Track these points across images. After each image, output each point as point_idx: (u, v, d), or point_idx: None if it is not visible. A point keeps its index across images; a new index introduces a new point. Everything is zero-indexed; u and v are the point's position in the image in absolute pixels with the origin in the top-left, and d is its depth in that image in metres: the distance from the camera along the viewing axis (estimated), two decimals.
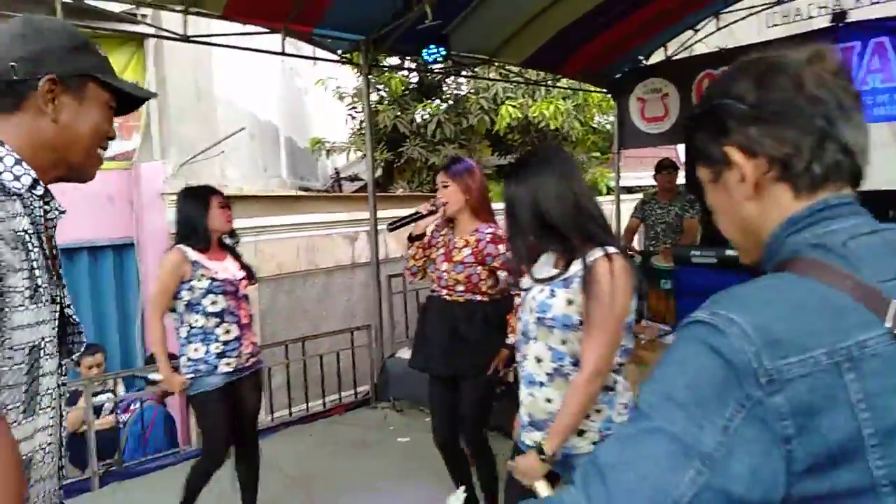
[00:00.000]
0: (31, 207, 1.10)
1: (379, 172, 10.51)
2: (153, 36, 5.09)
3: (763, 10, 5.96)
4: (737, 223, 0.89)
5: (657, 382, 0.75)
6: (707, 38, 6.38)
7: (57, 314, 1.12)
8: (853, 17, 5.43)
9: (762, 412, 0.68)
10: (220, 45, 4.75)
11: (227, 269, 3.04)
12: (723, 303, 0.75)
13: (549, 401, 1.89)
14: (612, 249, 1.83)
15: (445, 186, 2.84)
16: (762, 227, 0.86)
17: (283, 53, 4.69)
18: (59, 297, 1.13)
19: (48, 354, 1.09)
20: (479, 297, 2.84)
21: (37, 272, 1.07)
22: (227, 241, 3.15)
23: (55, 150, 1.15)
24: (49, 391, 1.10)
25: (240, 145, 7.10)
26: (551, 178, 1.91)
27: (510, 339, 2.79)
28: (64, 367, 1.17)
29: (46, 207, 1.14)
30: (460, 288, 2.84)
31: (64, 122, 1.14)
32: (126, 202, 5.76)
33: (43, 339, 1.08)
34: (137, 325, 5.89)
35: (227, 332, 2.99)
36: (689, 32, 6.42)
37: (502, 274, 2.80)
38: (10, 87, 1.10)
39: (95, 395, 4.35)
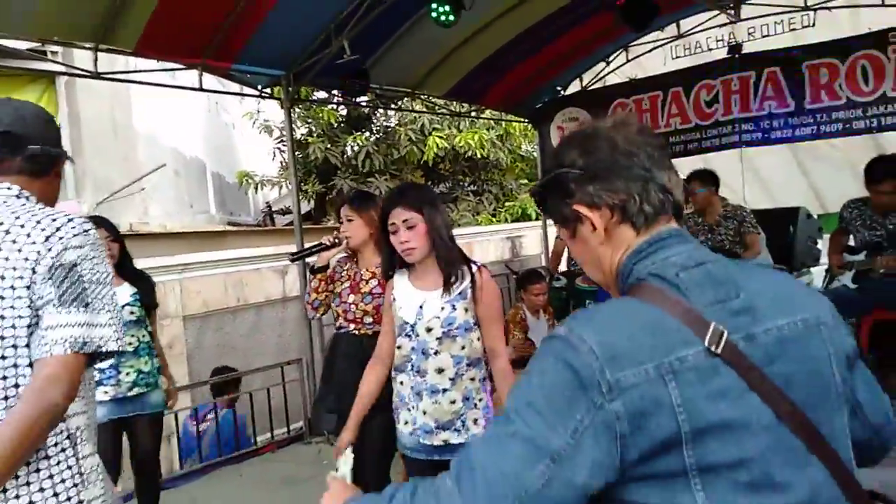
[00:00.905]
0: None
1: (311, 205, 10.47)
2: (63, 74, 4.97)
3: (667, 43, 6.36)
4: (597, 265, 1.07)
5: (521, 389, 0.92)
6: (619, 70, 6.75)
7: None
8: (748, 48, 5.87)
9: (603, 415, 0.84)
10: (133, 82, 4.69)
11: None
12: (579, 322, 0.93)
13: (452, 402, 2.21)
14: (478, 263, 2.29)
15: (350, 220, 2.83)
16: (615, 263, 1.03)
17: (200, 89, 4.67)
18: None
19: None
20: None
21: None
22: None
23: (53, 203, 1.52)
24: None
25: (163, 182, 6.95)
26: (441, 209, 2.28)
27: None
28: None
29: None
30: (369, 320, 2.80)
31: (49, 191, 1.53)
32: None
33: None
34: None
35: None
36: (602, 64, 6.77)
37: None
38: (50, 159, 1.49)
39: None
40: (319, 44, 4.62)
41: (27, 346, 1.28)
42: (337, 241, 2.87)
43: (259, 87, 5.00)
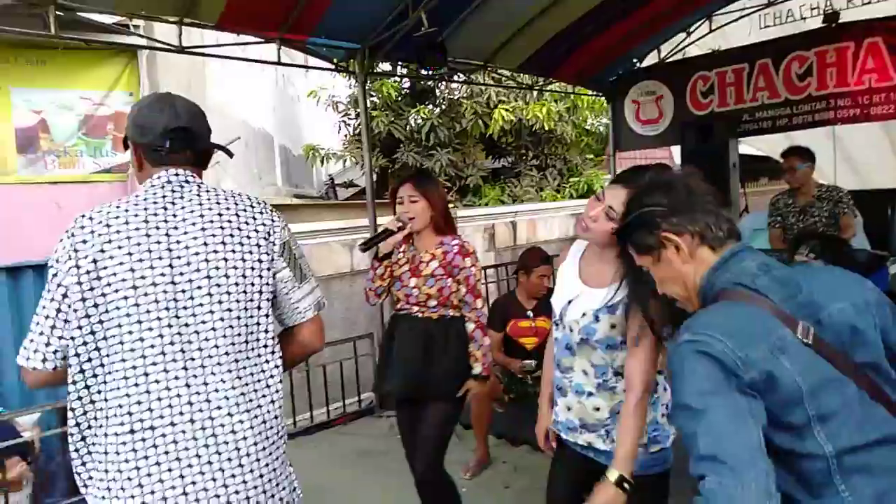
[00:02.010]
0: None
1: (374, 178, 10.49)
2: (147, 48, 5.06)
3: (755, 11, 5.99)
4: (680, 282, 1.36)
5: (683, 390, 1.18)
6: (700, 41, 6.41)
7: None
8: (845, 17, 5.46)
9: (747, 384, 1.14)
10: (214, 56, 4.72)
11: None
12: (697, 325, 1.22)
13: (597, 409, 2.04)
14: None
15: (414, 201, 2.69)
16: (697, 278, 1.33)
17: (278, 63, 4.67)
18: None
19: None
20: (451, 312, 2.75)
21: None
22: None
23: None
24: None
25: (236, 154, 7.06)
26: None
27: (476, 369, 2.73)
28: None
29: None
30: (433, 303, 2.72)
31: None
32: None
33: None
34: None
35: None
36: (682, 35, 6.44)
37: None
38: (209, 154, 1.65)
39: None
40: (396, 16, 4.53)
41: (265, 311, 1.53)
42: (401, 224, 2.69)
43: (335, 60, 4.96)
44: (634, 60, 6.86)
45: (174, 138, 1.52)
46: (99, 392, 1.39)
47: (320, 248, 6.67)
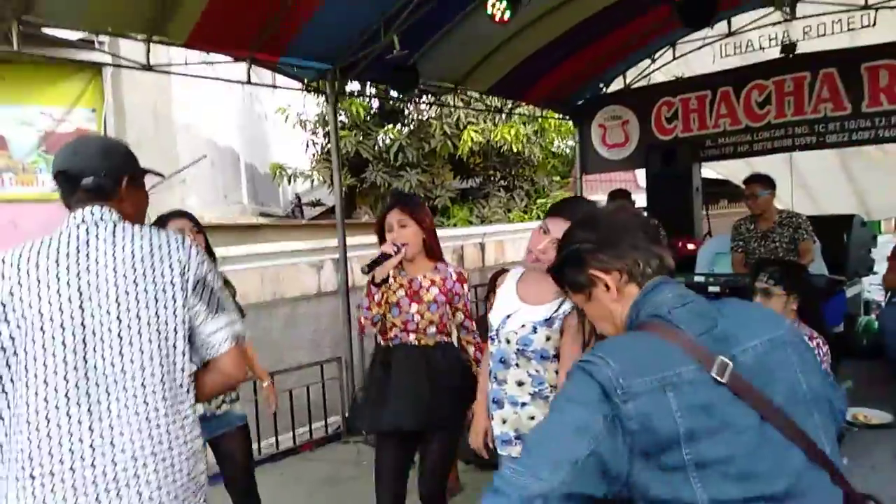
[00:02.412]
0: None
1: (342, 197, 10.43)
2: (113, 65, 4.96)
3: (717, 41, 6.19)
4: (610, 320, 1.32)
5: (563, 392, 1.19)
6: (664, 67, 6.58)
7: None
8: (802, 49, 5.68)
9: (620, 414, 1.08)
10: (182, 74, 4.65)
11: None
12: (600, 348, 1.19)
13: (532, 418, 2.14)
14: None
15: (403, 226, 2.63)
16: (623, 315, 1.28)
17: (248, 82, 4.62)
18: None
19: None
20: (446, 339, 2.72)
21: None
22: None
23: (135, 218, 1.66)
24: None
25: (200, 172, 6.95)
26: None
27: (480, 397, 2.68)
28: None
29: None
30: (432, 329, 2.66)
31: (132, 210, 1.65)
32: None
33: None
34: None
35: None
36: (647, 61, 6.61)
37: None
38: (112, 182, 1.61)
39: None
40: (368, 38, 4.54)
41: (182, 349, 1.53)
42: (396, 248, 2.61)
43: (305, 80, 4.94)
44: (601, 85, 7.00)
45: (59, 182, 1.58)
46: (5, 436, 1.41)
47: (287, 269, 6.57)
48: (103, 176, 1.57)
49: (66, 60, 4.87)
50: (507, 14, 3.90)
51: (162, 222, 2.81)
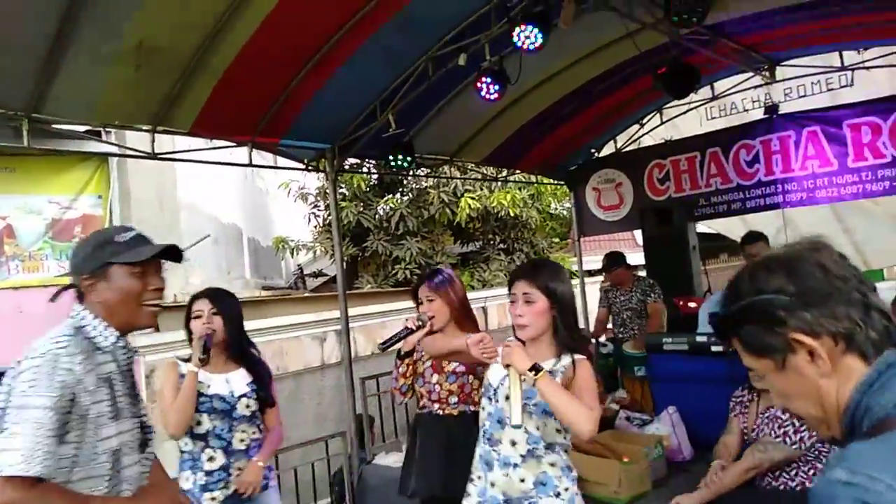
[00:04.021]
0: (115, 354, 1.75)
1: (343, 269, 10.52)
2: (120, 155, 5.13)
3: (702, 104, 6.40)
4: (815, 400, 0.97)
5: None
6: (653, 131, 6.78)
7: (138, 424, 1.78)
8: (784, 109, 5.88)
9: None
10: (186, 161, 4.81)
11: (228, 383, 2.75)
12: (854, 461, 0.82)
13: (522, 480, 2.11)
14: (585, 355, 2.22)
15: (430, 300, 2.81)
16: (841, 398, 0.94)
17: (249, 165, 4.77)
18: (137, 413, 1.79)
19: (127, 453, 1.71)
20: (472, 408, 2.78)
21: (119, 400, 1.71)
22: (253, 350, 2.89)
23: (114, 315, 1.75)
24: (128, 477, 1.71)
25: (204, 250, 7.05)
26: (569, 284, 2.24)
27: None
28: (144, 458, 1.79)
29: (126, 352, 1.79)
30: (454, 400, 2.80)
31: (104, 298, 1.74)
32: None
33: (122, 444, 1.70)
34: None
35: (211, 459, 2.69)
36: (636, 126, 6.81)
37: None
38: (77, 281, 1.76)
39: None
40: (365, 117, 4.72)
41: None
42: (421, 323, 2.78)
43: (305, 160, 5.09)
44: (592, 150, 7.19)
45: None
46: None
47: (290, 342, 6.58)
48: (75, 275, 1.77)
49: (73, 152, 5.04)
50: (496, 92, 4.06)
51: (192, 300, 2.87)
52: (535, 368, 2.00)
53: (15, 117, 3.49)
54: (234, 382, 2.77)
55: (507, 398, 2.05)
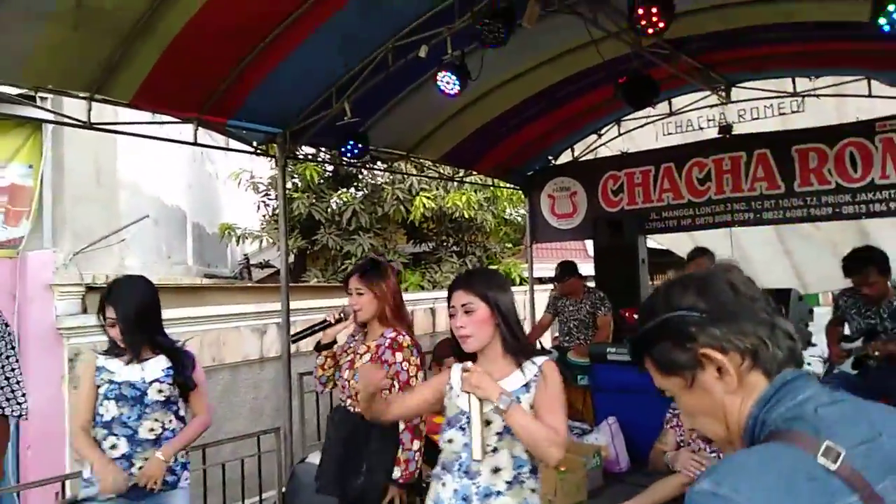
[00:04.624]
0: None
1: (290, 259, 10.28)
2: (53, 122, 4.83)
3: (659, 119, 6.47)
4: (721, 418, 0.98)
5: None
6: (610, 143, 6.83)
7: None
8: (737, 130, 5.99)
9: None
10: (126, 133, 4.55)
11: (142, 370, 2.63)
12: (728, 474, 0.85)
13: None
14: (547, 356, 2.11)
15: (360, 294, 2.74)
16: (742, 414, 0.96)
17: (194, 143, 4.55)
18: None
19: None
20: None
21: None
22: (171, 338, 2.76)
23: None
24: None
25: (143, 231, 6.74)
26: (508, 289, 2.14)
27: (395, 473, 2.60)
28: None
29: None
30: None
31: None
32: (8, 294, 5.24)
33: None
34: (13, 434, 5.23)
35: (114, 447, 2.57)
36: (594, 136, 6.85)
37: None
38: None
39: None
40: (319, 104, 4.57)
41: None
42: (343, 315, 2.77)
43: (254, 143, 4.90)
44: (549, 157, 7.19)
45: None
46: None
47: (229, 333, 6.35)
48: None
49: (3, 116, 4.72)
50: (456, 88, 3.98)
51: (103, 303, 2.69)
52: (504, 395, 1.89)
53: None
54: (147, 369, 2.66)
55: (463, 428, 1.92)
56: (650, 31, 3.39)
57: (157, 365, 2.67)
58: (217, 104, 4.26)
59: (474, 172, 7.35)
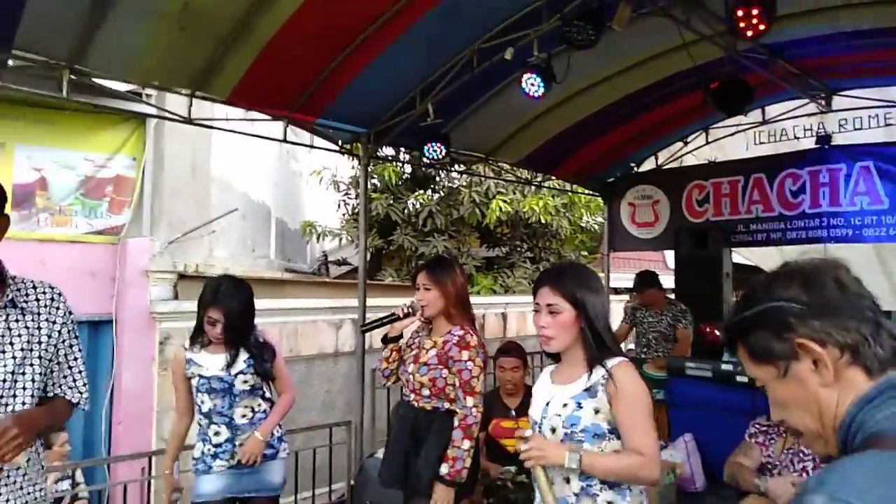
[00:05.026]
0: None
1: (367, 257, 10.48)
2: (156, 116, 5.13)
3: (750, 128, 6.20)
4: (814, 411, 0.97)
5: None
6: (697, 151, 6.59)
7: None
8: (837, 140, 5.65)
9: None
10: (221, 129, 4.78)
11: (226, 362, 2.86)
12: (835, 485, 0.80)
13: None
14: (622, 357, 1.98)
15: (427, 289, 2.77)
16: (839, 411, 0.93)
17: (284, 140, 4.73)
18: None
19: None
20: (447, 405, 2.70)
21: None
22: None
23: None
24: None
25: (230, 224, 7.05)
26: (600, 291, 2.02)
27: (442, 470, 2.59)
28: None
29: None
30: (426, 392, 2.72)
31: None
32: (108, 278, 5.61)
33: None
34: (105, 407, 5.59)
35: (217, 433, 2.89)
36: (680, 144, 6.63)
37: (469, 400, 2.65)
38: None
39: (56, 481, 4.08)
40: (403, 105, 4.65)
41: None
42: (411, 310, 2.80)
43: (339, 142, 5.04)
44: (632, 164, 7.02)
45: None
46: None
47: (306, 326, 6.54)
48: None
49: (112, 110, 5.05)
50: (541, 90, 3.95)
51: (206, 307, 2.93)
52: (573, 451, 1.81)
53: (56, 66, 3.48)
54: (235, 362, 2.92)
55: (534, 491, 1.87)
56: (749, 33, 3.24)
57: (240, 358, 2.89)
58: (306, 103, 4.41)
59: (553, 177, 7.27)
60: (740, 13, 3.24)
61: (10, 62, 3.39)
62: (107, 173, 5.72)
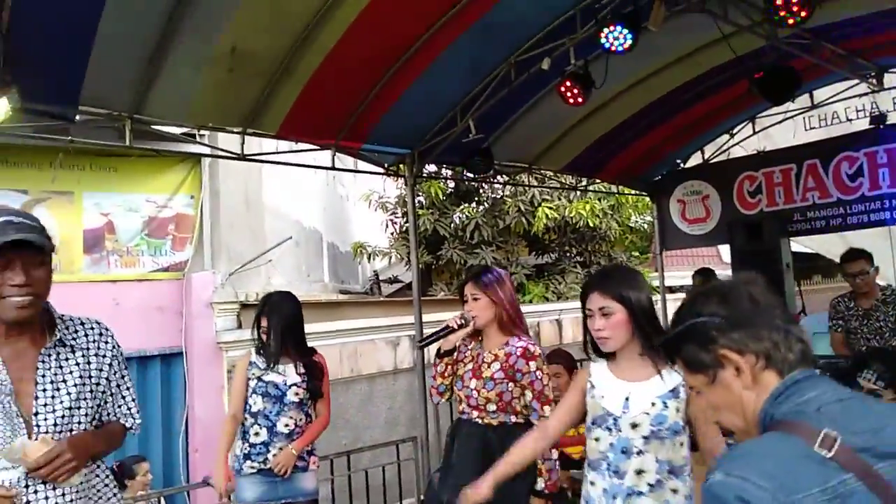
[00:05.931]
0: None
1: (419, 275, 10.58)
2: (212, 156, 5.36)
3: (799, 114, 6.04)
4: (738, 411, 1.14)
5: None
6: (744, 142, 6.46)
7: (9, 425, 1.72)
8: (893, 119, 5.45)
9: None
10: (272, 163, 4.96)
11: (284, 374, 3.20)
12: (730, 464, 0.99)
13: None
14: None
15: (476, 299, 2.73)
16: (758, 408, 1.10)
17: (332, 168, 4.87)
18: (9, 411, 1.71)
19: None
20: (514, 419, 2.66)
21: None
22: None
23: None
24: None
25: (285, 252, 7.26)
26: (643, 286, 2.15)
27: (539, 485, 2.57)
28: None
29: None
30: (492, 408, 2.66)
31: None
32: (176, 312, 5.86)
33: None
34: (181, 438, 5.82)
35: (257, 434, 3.16)
36: (726, 136, 6.51)
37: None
38: None
39: None
40: (445, 123, 4.73)
41: None
42: (463, 321, 2.74)
43: (385, 164, 5.16)
44: (678, 161, 6.92)
45: None
46: None
47: (364, 345, 6.67)
48: None
49: (170, 152, 5.31)
50: (581, 97, 3.97)
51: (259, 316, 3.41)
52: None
53: (119, 118, 3.70)
54: (288, 374, 3.22)
55: None
56: (790, 21, 3.19)
57: (295, 371, 3.22)
58: (351, 130, 4.54)
59: (597, 180, 7.23)
60: (779, 2, 3.19)
61: (77, 117, 3.63)
62: (168, 213, 6.00)
